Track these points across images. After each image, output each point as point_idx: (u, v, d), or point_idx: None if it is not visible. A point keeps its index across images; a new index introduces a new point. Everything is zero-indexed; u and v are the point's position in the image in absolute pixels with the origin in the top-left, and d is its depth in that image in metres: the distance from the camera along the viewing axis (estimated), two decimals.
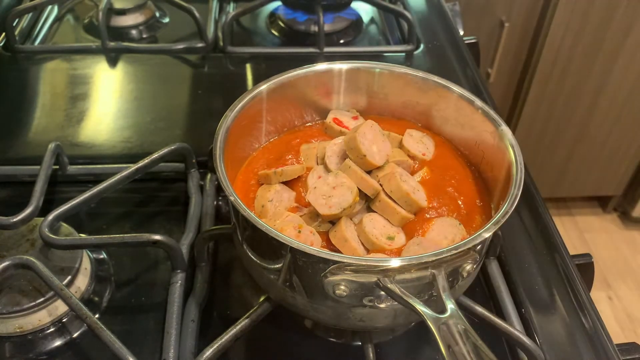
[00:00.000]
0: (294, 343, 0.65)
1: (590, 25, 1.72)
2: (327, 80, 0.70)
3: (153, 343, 0.62)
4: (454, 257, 0.50)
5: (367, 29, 1.18)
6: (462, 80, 1.01)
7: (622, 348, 0.65)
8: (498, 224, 0.51)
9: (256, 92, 0.65)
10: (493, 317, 0.63)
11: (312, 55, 1.06)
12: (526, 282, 0.70)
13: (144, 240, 0.64)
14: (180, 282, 0.66)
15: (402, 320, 0.57)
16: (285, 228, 0.56)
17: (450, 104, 0.68)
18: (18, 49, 1.03)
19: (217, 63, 1.04)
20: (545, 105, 1.91)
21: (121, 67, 1.02)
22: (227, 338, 0.60)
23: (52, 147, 0.76)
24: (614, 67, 1.82)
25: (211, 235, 0.67)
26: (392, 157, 0.64)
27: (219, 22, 1.13)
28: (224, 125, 0.61)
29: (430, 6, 1.22)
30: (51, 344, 0.62)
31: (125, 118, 0.91)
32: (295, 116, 0.71)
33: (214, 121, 0.61)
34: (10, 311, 0.60)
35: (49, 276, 0.60)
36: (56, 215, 0.66)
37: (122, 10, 1.12)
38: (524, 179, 0.56)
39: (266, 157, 0.68)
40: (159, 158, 0.75)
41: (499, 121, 0.63)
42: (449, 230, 0.59)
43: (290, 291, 0.56)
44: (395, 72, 0.70)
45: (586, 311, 0.67)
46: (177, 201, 0.79)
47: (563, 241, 0.75)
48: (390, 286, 0.48)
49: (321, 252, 0.49)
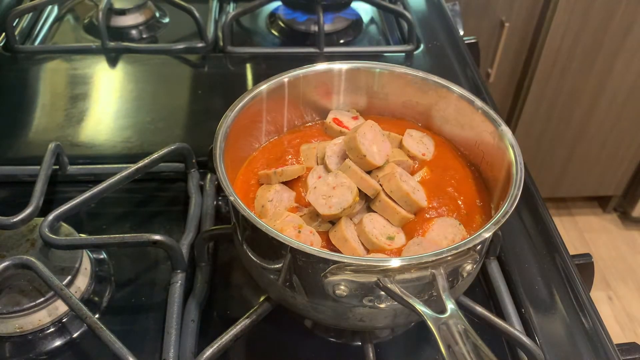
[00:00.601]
0: (294, 343, 0.65)
1: (590, 25, 1.72)
2: (327, 80, 0.70)
3: (153, 343, 0.62)
4: (454, 257, 0.50)
5: (367, 29, 1.18)
6: (462, 80, 1.01)
7: (622, 348, 0.65)
8: (498, 224, 0.51)
9: (256, 92, 0.65)
10: (493, 317, 0.63)
11: (312, 55, 1.06)
12: (526, 282, 0.70)
13: (144, 240, 0.64)
14: (180, 282, 0.66)
15: (402, 320, 0.57)
16: (285, 228, 0.56)
17: (450, 104, 0.68)
18: (18, 49, 1.03)
19: (217, 63, 1.04)
20: (545, 105, 1.91)
21: (121, 67, 1.02)
22: (227, 338, 0.60)
23: (52, 147, 0.76)
24: (614, 67, 1.82)
25: (211, 235, 0.67)
26: (392, 157, 0.64)
27: (219, 22, 1.13)
28: (224, 125, 0.61)
29: (430, 6, 1.22)
30: (51, 344, 0.62)
31: (125, 118, 0.91)
32: (295, 116, 0.71)
33: (214, 121, 0.61)
34: (10, 311, 0.60)
35: (49, 276, 0.60)
36: (56, 215, 0.66)
37: (122, 10, 1.12)
38: (524, 179, 0.56)
39: (266, 157, 0.68)
40: (159, 158, 0.75)
41: (499, 121, 0.63)
42: (449, 231, 0.59)
43: (290, 291, 0.56)
44: (395, 72, 0.70)
45: (586, 311, 0.67)
46: (177, 201, 0.79)
47: (563, 241, 0.75)
48: (390, 286, 0.48)
49: (321, 252, 0.49)
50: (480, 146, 0.66)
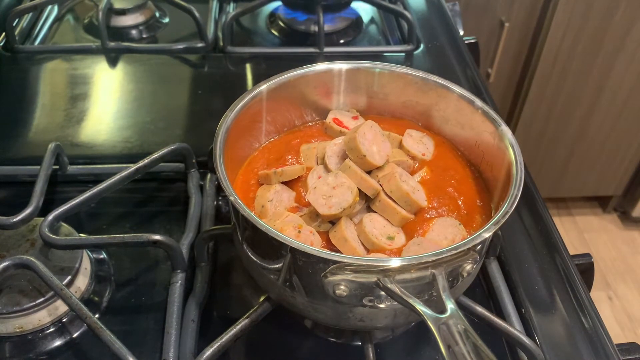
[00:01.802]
0: (294, 343, 0.65)
1: (590, 25, 1.72)
2: (327, 80, 0.70)
3: (153, 343, 0.62)
4: (454, 257, 0.50)
5: (367, 29, 1.18)
6: (462, 80, 1.01)
7: (622, 348, 0.65)
8: (498, 224, 0.51)
9: (256, 92, 0.65)
10: (493, 317, 0.63)
11: (312, 55, 1.06)
12: (526, 282, 0.70)
13: (144, 240, 0.64)
14: (180, 282, 0.66)
15: (402, 320, 0.57)
16: (285, 228, 0.56)
17: (450, 104, 0.68)
18: (18, 49, 1.03)
19: (217, 63, 1.04)
20: (545, 105, 1.91)
21: (121, 67, 1.02)
22: (227, 338, 0.60)
23: (52, 147, 0.76)
24: (614, 67, 1.82)
25: (211, 235, 0.67)
26: (392, 157, 0.64)
27: (219, 22, 1.13)
28: (224, 125, 0.61)
29: (430, 6, 1.23)
30: (51, 344, 0.62)
31: (125, 118, 0.91)
32: (295, 116, 0.71)
33: (214, 121, 0.61)
34: (10, 311, 0.60)
35: (49, 276, 0.60)
36: (56, 215, 0.66)
37: (122, 10, 1.12)
38: (524, 179, 0.56)
39: (266, 157, 0.68)
40: (159, 158, 0.75)
41: (499, 121, 0.63)
42: (449, 231, 0.59)
43: (290, 291, 0.56)
44: (395, 72, 0.70)
45: (586, 311, 0.67)
46: (177, 201, 0.79)
47: (563, 241, 0.75)
48: (390, 286, 0.48)
49: (321, 252, 0.49)
50: (480, 146, 0.66)
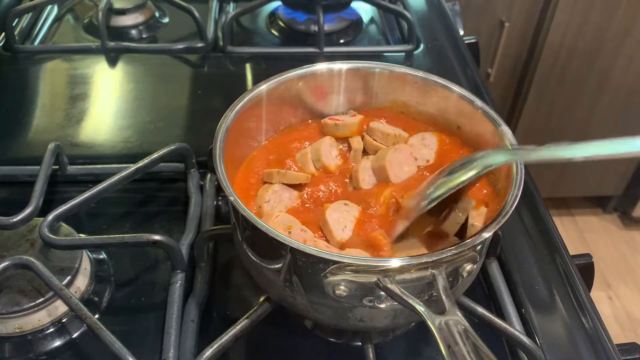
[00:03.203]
0: (294, 343, 0.65)
1: (590, 25, 1.72)
2: (326, 80, 0.70)
3: (153, 343, 0.62)
4: (454, 257, 0.50)
5: (367, 29, 1.17)
6: (462, 80, 1.01)
7: (622, 348, 0.65)
8: (498, 224, 0.51)
9: (256, 92, 0.65)
10: (493, 317, 0.63)
11: (312, 55, 1.06)
12: (526, 282, 0.70)
13: (143, 241, 0.64)
14: (180, 282, 0.66)
15: (402, 320, 0.57)
16: (275, 229, 0.55)
17: (450, 104, 0.68)
18: (18, 49, 1.03)
19: (217, 63, 1.04)
20: (545, 105, 1.91)
21: (121, 67, 1.02)
22: (227, 338, 0.60)
23: (52, 147, 0.76)
24: (614, 67, 1.82)
25: (211, 235, 0.67)
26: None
27: (219, 22, 1.12)
28: (224, 125, 0.61)
29: (430, 6, 1.22)
30: (51, 344, 0.62)
31: (125, 118, 0.91)
32: (295, 116, 0.71)
33: (214, 121, 0.61)
34: (10, 311, 0.60)
35: (49, 276, 0.60)
36: (56, 215, 0.66)
37: (122, 10, 1.11)
38: (524, 179, 0.56)
39: (266, 156, 0.68)
40: (159, 158, 0.75)
41: (499, 121, 0.63)
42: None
43: (290, 291, 0.56)
44: (395, 72, 0.70)
45: (586, 311, 0.67)
46: (177, 201, 0.79)
47: (563, 241, 0.75)
48: (390, 286, 0.48)
49: (321, 252, 0.49)
50: (480, 146, 0.66)
